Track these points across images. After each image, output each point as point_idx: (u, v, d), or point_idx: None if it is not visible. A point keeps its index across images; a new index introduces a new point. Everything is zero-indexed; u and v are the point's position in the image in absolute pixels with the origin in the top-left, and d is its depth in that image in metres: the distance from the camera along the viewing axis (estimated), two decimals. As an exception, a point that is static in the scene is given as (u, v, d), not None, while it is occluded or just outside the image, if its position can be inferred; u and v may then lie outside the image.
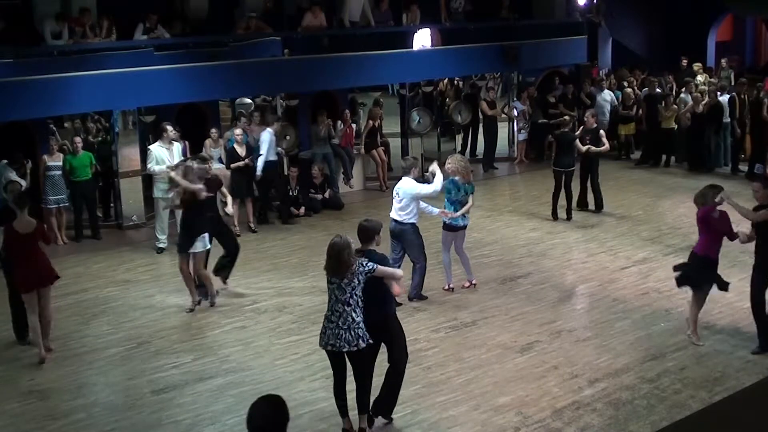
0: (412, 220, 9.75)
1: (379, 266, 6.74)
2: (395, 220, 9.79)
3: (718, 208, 8.52)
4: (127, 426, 7.34)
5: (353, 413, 7.06)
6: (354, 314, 6.67)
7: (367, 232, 7.06)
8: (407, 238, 9.76)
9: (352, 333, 6.65)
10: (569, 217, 13.37)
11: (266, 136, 13.56)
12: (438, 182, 9.75)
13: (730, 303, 9.64)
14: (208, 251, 9.97)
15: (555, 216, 13.33)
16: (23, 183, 11.76)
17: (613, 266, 11.15)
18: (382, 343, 7.06)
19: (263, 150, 13.45)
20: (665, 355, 8.37)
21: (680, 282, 8.76)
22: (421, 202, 9.82)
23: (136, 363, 8.61)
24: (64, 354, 8.79)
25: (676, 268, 8.89)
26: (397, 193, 9.80)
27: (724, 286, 8.67)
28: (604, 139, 13.58)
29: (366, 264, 6.66)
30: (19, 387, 8.12)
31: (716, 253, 8.52)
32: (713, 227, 8.43)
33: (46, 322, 8.72)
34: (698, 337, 8.65)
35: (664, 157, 17.21)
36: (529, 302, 9.92)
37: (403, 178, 9.93)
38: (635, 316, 9.41)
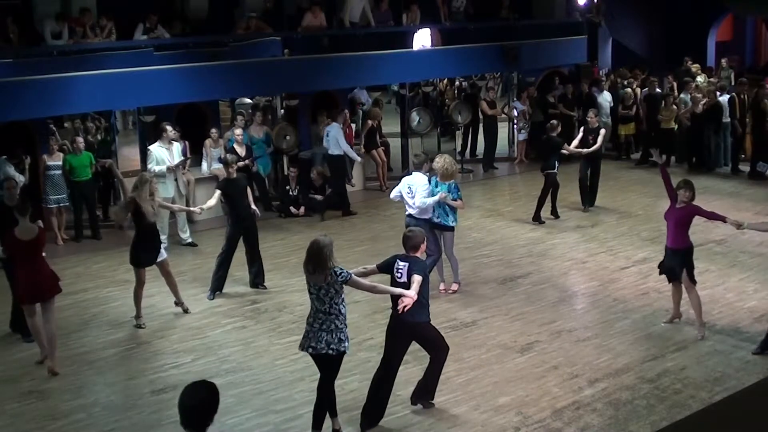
0: (425, 216, 9.89)
1: (353, 276, 6.73)
2: (411, 216, 9.91)
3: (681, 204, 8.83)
4: (127, 426, 7.34)
5: (351, 414, 7.07)
6: (337, 321, 6.68)
7: (411, 241, 7.12)
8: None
9: (333, 336, 6.66)
10: (557, 216, 13.43)
11: (335, 130, 14.19)
12: (430, 201, 9.88)
13: (730, 303, 9.65)
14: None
15: (556, 214, 13.34)
16: (21, 179, 11.80)
17: (613, 266, 11.15)
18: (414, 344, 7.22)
19: (334, 143, 14.19)
20: (665, 355, 8.36)
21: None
22: (422, 200, 9.86)
23: (136, 363, 8.61)
24: (64, 354, 8.77)
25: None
26: (411, 189, 9.89)
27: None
28: (600, 138, 13.57)
29: (339, 273, 6.63)
30: (19, 387, 8.11)
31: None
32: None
33: (50, 339, 8.36)
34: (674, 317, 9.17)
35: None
36: (529, 302, 9.91)
37: (413, 173, 10.08)
38: (635, 316, 9.41)
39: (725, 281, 10.29)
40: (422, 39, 18.85)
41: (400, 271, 7.03)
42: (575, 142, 13.73)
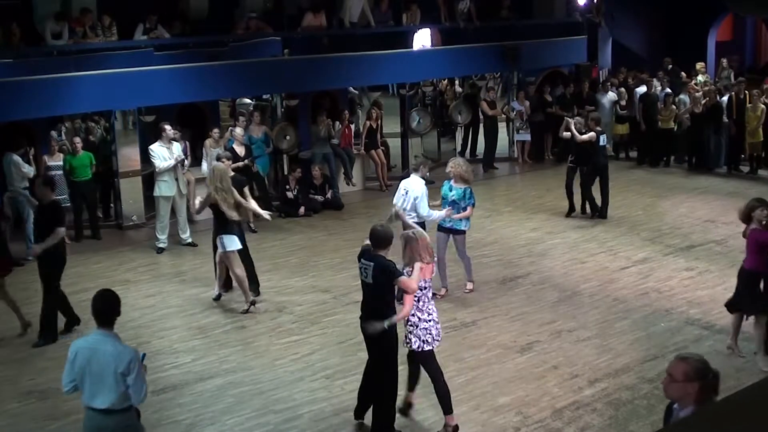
0: (415, 221, 9.68)
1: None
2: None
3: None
4: (127, 426, 7.33)
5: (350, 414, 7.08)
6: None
7: (378, 236, 6.69)
8: None
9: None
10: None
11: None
12: (436, 215, 9.70)
13: (730, 303, 9.64)
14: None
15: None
16: (32, 171, 11.83)
17: (613, 266, 11.15)
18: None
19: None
20: (665, 355, 8.35)
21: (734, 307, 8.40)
22: (428, 211, 9.65)
23: (136, 363, 8.60)
24: (64, 354, 8.73)
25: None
26: (406, 191, 9.73)
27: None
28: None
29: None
30: (19, 387, 8.11)
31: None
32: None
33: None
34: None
35: (664, 157, 17.19)
36: (529, 302, 9.92)
37: (411, 175, 9.93)
38: (635, 316, 9.41)
39: (725, 281, 10.27)
40: (422, 39, 18.84)
41: (365, 270, 6.70)
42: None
